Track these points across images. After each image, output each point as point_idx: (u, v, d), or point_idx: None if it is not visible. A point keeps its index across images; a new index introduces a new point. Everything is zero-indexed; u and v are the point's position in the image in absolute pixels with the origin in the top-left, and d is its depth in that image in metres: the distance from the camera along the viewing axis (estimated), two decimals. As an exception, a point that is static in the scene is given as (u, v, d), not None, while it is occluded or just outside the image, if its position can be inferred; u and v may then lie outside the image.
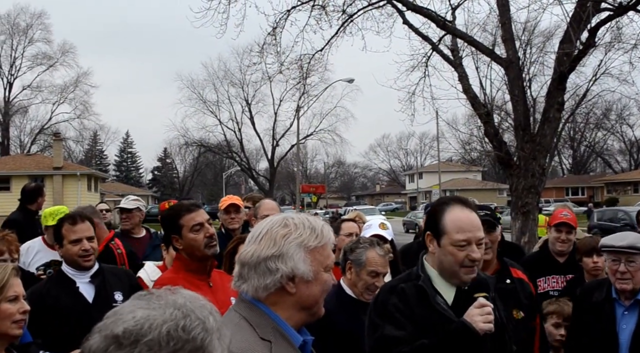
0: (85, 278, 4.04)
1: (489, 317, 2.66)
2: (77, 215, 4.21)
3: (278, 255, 2.00)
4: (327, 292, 2.10)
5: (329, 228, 2.13)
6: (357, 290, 3.85)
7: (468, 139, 25.19)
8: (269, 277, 2.00)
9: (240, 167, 70.01)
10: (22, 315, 2.87)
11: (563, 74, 12.29)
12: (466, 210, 2.85)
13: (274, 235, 2.03)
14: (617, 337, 3.59)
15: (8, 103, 67.89)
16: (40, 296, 3.90)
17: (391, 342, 2.72)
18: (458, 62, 13.82)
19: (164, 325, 1.21)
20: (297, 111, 44.28)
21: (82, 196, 43.20)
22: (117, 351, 1.19)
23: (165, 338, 1.20)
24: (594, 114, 63.30)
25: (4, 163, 49.08)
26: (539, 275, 5.31)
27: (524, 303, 3.64)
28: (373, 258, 3.83)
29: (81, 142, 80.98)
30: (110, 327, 1.22)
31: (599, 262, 4.71)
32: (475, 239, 2.79)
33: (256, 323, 1.97)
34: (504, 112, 19.87)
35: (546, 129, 12.67)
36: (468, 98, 13.79)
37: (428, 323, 2.74)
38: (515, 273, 3.82)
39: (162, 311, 1.24)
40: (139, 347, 1.18)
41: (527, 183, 12.56)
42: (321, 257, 2.05)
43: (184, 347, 1.21)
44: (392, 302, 2.82)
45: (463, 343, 2.63)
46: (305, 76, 17.65)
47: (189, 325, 1.24)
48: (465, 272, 2.79)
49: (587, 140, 79.31)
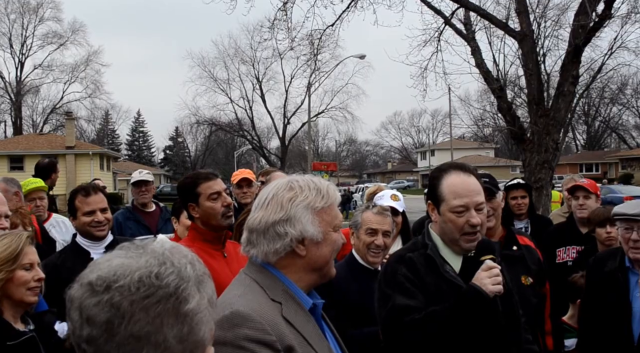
0: (100, 249, 4.08)
1: (498, 278, 2.64)
2: (90, 187, 4.24)
3: (286, 219, 2.00)
4: (337, 251, 2.10)
5: (334, 188, 2.13)
6: (361, 252, 3.91)
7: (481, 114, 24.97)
8: (278, 241, 2.00)
9: (251, 146, 69.95)
10: (37, 282, 2.92)
11: (578, 47, 12.13)
12: (463, 175, 2.82)
13: (280, 200, 2.03)
14: (630, 305, 3.57)
15: (20, 82, 68.14)
16: (55, 267, 3.94)
17: (403, 311, 2.72)
18: (471, 36, 13.67)
19: (137, 272, 1.22)
20: (308, 88, 44.08)
21: (95, 175, 43.39)
22: (91, 298, 1.21)
23: (137, 284, 1.21)
24: (609, 89, 62.52)
25: (17, 142, 49.45)
26: (559, 245, 5.29)
27: (532, 269, 3.65)
28: (367, 217, 3.94)
29: (93, 122, 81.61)
30: (87, 275, 1.25)
31: (612, 233, 4.67)
32: (474, 204, 2.76)
33: (266, 286, 1.98)
34: (517, 87, 19.69)
35: (560, 103, 12.54)
36: (481, 73, 13.66)
37: (438, 291, 2.73)
38: (522, 240, 3.82)
39: (137, 259, 1.26)
40: (111, 293, 1.20)
41: (540, 159, 12.47)
42: (329, 217, 2.06)
43: (156, 293, 1.22)
44: (401, 272, 2.81)
45: (474, 307, 2.62)
46: (316, 52, 17.58)
47: (163, 272, 1.24)
48: (465, 240, 2.77)
49: (601, 116, 78.46)
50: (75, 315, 1.22)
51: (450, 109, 52.51)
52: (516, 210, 5.95)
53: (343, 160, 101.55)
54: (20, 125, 68.56)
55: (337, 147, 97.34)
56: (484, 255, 2.74)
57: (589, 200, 5.29)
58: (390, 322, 2.80)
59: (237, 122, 68.34)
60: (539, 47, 14.23)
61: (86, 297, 1.21)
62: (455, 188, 2.79)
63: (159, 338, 1.21)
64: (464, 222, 2.75)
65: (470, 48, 13.55)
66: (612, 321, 3.62)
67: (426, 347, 2.68)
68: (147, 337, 1.20)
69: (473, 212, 2.75)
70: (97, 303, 1.20)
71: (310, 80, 43.64)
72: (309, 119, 44.79)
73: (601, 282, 3.76)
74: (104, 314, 1.19)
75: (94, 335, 1.20)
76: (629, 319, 3.55)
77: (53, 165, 7.81)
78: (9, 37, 67.72)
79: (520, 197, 5.98)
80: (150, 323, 1.20)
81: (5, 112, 70.56)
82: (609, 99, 69.18)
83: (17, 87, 67.86)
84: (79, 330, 1.22)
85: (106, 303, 1.19)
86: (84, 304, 1.21)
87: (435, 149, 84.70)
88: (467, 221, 2.74)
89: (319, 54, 18.08)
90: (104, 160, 50.13)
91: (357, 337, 3.56)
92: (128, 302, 1.20)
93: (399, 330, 2.73)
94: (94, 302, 1.20)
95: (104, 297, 1.20)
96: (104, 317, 1.19)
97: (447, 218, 2.80)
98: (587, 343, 3.87)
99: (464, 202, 2.75)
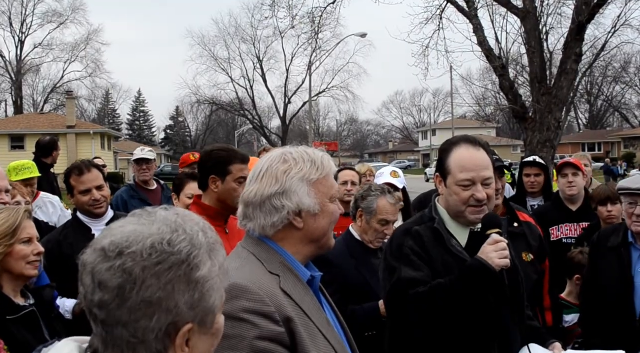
0: (101, 225, 4.07)
1: (504, 252, 2.61)
2: (84, 165, 4.12)
3: (282, 192, 1.98)
4: (335, 222, 2.08)
5: (328, 158, 2.10)
6: (367, 237, 3.86)
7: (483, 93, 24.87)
8: (275, 214, 1.99)
9: (252, 125, 69.87)
10: (36, 256, 2.91)
11: (581, 24, 12.04)
12: (472, 149, 2.79)
13: (275, 172, 2.01)
14: (632, 280, 3.58)
15: (20, 61, 67.83)
16: (57, 243, 3.97)
17: (409, 284, 2.70)
18: (473, 13, 13.57)
19: (149, 239, 1.23)
20: (309, 67, 43.93)
21: (96, 154, 43.44)
22: (103, 263, 1.22)
23: (149, 250, 1.22)
24: (613, 67, 62.06)
25: (17, 122, 49.38)
26: (551, 224, 5.29)
27: (533, 245, 3.64)
28: (384, 206, 3.85)
29: (93, 101, 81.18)
30: (100, 241, 1.26)
31: (613, 211, 4.70)
32: (480, 179, 2.73)
33: (264, 259, 1.97)
34: (519, 66, 19.55)
35: (563, 81, 12.48)
36: (483, 51, 13.58)
37: (444, 265, 2.72)
38: (523, 217, 3.81)
39: (150, 226, 1.27)
40: (123, 259, 1.21)
41: (542, 137, 12.45)
42: (325, 189, 2.04)
43: (168, 259, 1.23)
44: (407, 245, 2.79)
45: (480, 281, 2.60)
46: (317, 30, 17.45)
47: (175, 239, 1.25)
48: (471, 212, 2.75)
49: (604, 95, 78.05)
50: (88, 279, 1.24)
51: (452, 88, 52.23)
52: (529, 188, 5.89)
53: (344, 140, 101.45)
54: (21, 105, 68.36)
55: (339, 127, 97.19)
56: (490, 229, 2.70)
57: (577, 178, 5.29)
58: (395, 294, 2.79)
59: (237, 101, 68.20)
60: (542, 24, 14.10)
61: (99, 262, 1.23)
62: (462, 162, 2.76)
63: (170, 304, 1.22)
64: (469, 196, 2.73)
65: (473, 26, 13.45)
66: (614, 296, 3.62)
67: (431, 319, 2.68)
68: (159, 302, 1.22)
69: (479, 187, 2.72)
70: (109, 269, 1.21)
71: (311, 59, 43.49)
72: (310, 99, 44.65)
73: (604, 257, 3.76)
74: (116, 279, 1.21)
75: (105, 300, 1.21)
76: (631, 294, 3.55)
77: (54, 143, 7.81)
78: (9, 16, 67.28)
79: (534, 175, 5.86)
80: (162, 289, 1.22)
81: (6, 91, 70.39)
82: (612, 77, 68.78)
83: (17, 66, 67.53)
84: (90, 295, 1.23)
85: (118, 268, 1.21)
86: (96, 269, 1.23)
87: (437, 129, 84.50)
88: (472, 195, 2.72)
89: (320, 33, 17.95)
90: (105, 139, 50.05)
91: (358, 312, 3.57)
92: (140, 267, 1.21)
93: (404, 303, 2.72)
94: (107, 267, 1.22)
95: (117, 263, 1.21)
96: (116, 282, 1.20)
97: (453, 191, 2.78)
98: (588, 318, 3.88)
99: (471, 176, 2.73)
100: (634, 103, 79.70)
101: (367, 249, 3.85)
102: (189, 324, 1.25)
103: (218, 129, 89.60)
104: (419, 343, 2.73)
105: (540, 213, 5.31)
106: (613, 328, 3.56)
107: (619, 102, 78.73)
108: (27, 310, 2.78)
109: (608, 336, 3.50)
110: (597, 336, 3.64)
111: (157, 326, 1.22)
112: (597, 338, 3.59)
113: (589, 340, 3.77)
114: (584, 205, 5.32)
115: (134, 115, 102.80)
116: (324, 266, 3.29)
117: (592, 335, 3.78)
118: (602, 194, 4.86)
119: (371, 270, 3.69)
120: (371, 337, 3.43)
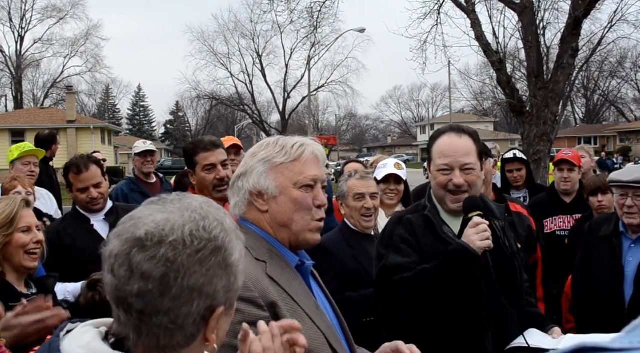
0: (100, 216, 4.14)
1: (485, 234, 2.65)
2: (82, 163, 4.10)
3: (244, 172, 2.07)
4: (304, 211, 2.04)
5: (313, 148, 2.08)
6: (354, 220, 3.96)
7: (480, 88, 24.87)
8: (239, 194, 2.07)
9: (252, 120, 69.66)
10: (35, 244, 2.95)
11: (578, 19, 12.07)
12: (454, 136, 2.87)
13: (247, 156, 2.13)
14: (622, 269, 3.65)
15: (20, 56, 67.66)
16: (58, 233, 4.03)
17: (394, 270, 2.77)
18: (471, 8, 13.57)
19: (186, 226, 1.23)
20: (308, 62, 43.86)
21: (97, 149, 43.36)
22: (141, 253, 1.20)
23: (189, 237, 1.22)
24: (609, 62, 61.99)
25: (17, 117, 49.28)
26: (546, 216, 5.36)
27: (522, 235, 3.69)
28: (352, 184, 3.98)
29: (94, 96, 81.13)
30: (130, 230, 1.24)
31: (604, 201, 4.80)
32: (458, 164, 2.81)
33: (250, 246, 1.98)
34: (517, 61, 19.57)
35: (559, 76, 12.51)
36: (481, 45, 13.59)
37: (434, 252, 2.76)
38: (514, 207, 3.87)
39: (180, 213, 1.26)
40: (164, 247, 1.20)
41: (539, 131, 12.49)
42: (290, 173, 2.03)
43: (207, 246, 1.24)
44: (397, 233, 2.87)
45: (462, 264, 2.64)
46: (316, 25, 17.45)
47: (208, 226, 1.26)
48: (451, 200, 2.83)
49: (600, 89, 77.95)
50: (122, 270, 1.21)
51: (450, 83, 52.19)
52: (513, 183, 5.99)
53: (343, 135, 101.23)
54: (21, 100, 68.17)
55: (337, 121, 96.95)
56: (471, 212, 2.74)
57: (572, 173, 5.37)
58: (381, 280, 2.86)
59: (237, 96, 68.00)
60: (539, 19, 14.13)
61: (136, 252, 1.20)
62: (442, 148, 2.86)
63: (210, 289, 1.25)
64: (447, 181, 2.81)
65: (470, 21, 13.46)
66: (604, 284, 3.69)
67: (418, 304, 2.73)
68: (200, 288, 1.23)
69: (457, 172, 2.80)
70: (150, 258, 1.20)
71: (310, 54, 43.39)
72: (309, 93, 44.61)
73: (595, 246, 3.83)
74: (160, 269, 1.20)
75: (147, 289, 1.20)
76: (621, 282, 3.63)
77: (53, 136, 7.85)
78: (9, 11, 67.02)
79: (515, 170, 5.95)
80: (204, 276, 1.23)
81: (6, 86, 70.23)
82: (608, 72, 68.65)
83: (17, 61, 67.34)
84: (124, 285, 1.21)
85: (162, 257, 1.20)
86: (134, 260, 1.20)
87: (435, 123, 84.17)
88: (450, 180, 2.80)
89: (318, 28, 17.97)
90: (105, 134, 49.97)
91: (355, 298, 3.63)
92: (184, 255, 1.21)
93: (390, 288, 2.78)
94: (147, 257, 1.20)
95: (158, 252, 1.20)
96: (160, 272, 1.20)
97: (433, 176, 2.88)
98: (579, 305, 3.95)
99: (448, 161, 2.81)
100: (629, 97, 79.65)
101: (362, 237, 3.92)
102: (222, 307, 1.28)
103: (218, 123, 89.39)
104: (407, 328, 2.75)
105: (535, 205, 5.39)
106: (602, 316, 3.63)
107: (615, 97, 78.64)
108: (29, 298, 2.84)
109: (597, 324, 3.56)
110: (588, 323, 3.70)
111: (196, 311, 1.24)
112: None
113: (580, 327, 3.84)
114: (577, 197, 5.39)
115: (134, 110, 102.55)
116: (321, 254, 3.36)
117: (582, 322, 3.85)
118: (592, 185, 4.95)
119: (368, 257, 3.76)
120: (369, 323, 3.50)
